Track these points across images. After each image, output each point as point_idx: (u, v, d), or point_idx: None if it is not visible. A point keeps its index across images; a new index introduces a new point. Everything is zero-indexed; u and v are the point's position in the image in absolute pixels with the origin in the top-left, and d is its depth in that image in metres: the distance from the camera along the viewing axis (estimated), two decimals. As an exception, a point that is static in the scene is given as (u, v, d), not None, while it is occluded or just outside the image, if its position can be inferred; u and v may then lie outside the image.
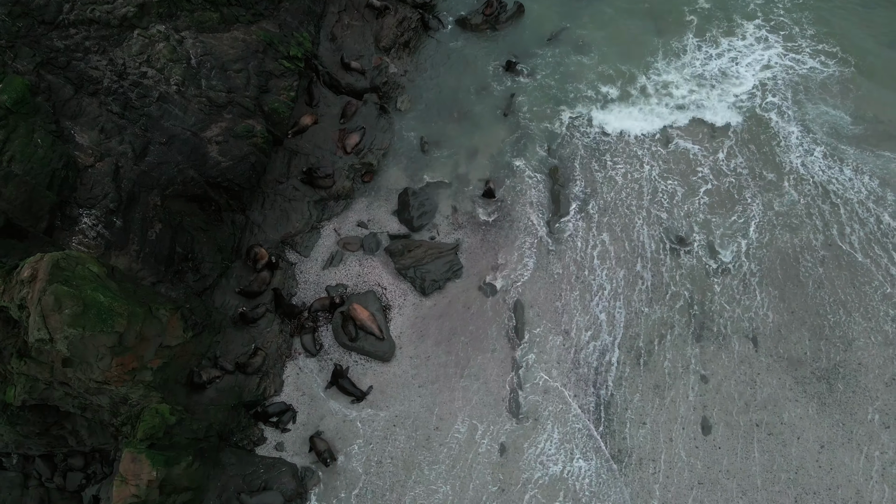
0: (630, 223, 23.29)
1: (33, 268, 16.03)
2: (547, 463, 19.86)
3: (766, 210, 23.17)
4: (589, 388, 20.78)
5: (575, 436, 20.19)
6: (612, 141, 24.90)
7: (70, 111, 19.25)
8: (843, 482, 19.23)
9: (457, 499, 19.55)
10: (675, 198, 23.64)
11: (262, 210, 22.97)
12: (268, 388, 20.67)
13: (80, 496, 19.82)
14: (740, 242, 22.66)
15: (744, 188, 23.66)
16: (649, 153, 24.63)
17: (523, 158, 24.56)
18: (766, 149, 24.39)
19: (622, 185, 24.04)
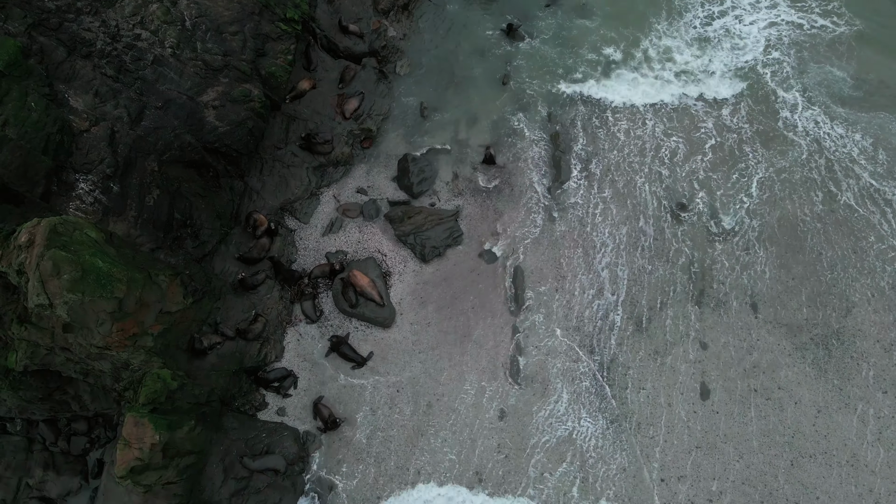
0: (632, 181, 23.14)
1: (30, 233, 15.92)
2: (555, 426, 20.07)
3: (768, 167, 23.03)
4: (593, 349, 20.87)
5: (582, 395, 20.35)
6: (614, 104, 24.55)
7: (63, 74, 18.90)
8: (839, 446, 19.45)
9: (462, 466, 19.79)
10: (677, 155, 23.48)
11: (260, 176, 22.75)
12: (268, 354, 20.75)
13: (84, 460, 20.06)
14: (742, 200, 22.62)
15: (745, 144, 23.50)
16: (652, 110, 24.34)
17: (524, 124, 24.26)
18: (767, 107, 24.13)
19: (624, 143, 23.81)
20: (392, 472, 19.83)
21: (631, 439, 19.82)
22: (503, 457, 19.83)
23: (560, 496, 19.30)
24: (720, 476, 19.37)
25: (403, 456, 19.99)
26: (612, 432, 19.93)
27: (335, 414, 20.00)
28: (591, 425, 20.01)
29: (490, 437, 20.06)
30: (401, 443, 20.11)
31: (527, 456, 19.78)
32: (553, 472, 19.56)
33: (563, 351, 20.91)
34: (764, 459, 19.47)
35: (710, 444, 19.70)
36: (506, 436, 20.04)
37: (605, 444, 19.81)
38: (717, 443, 19.72)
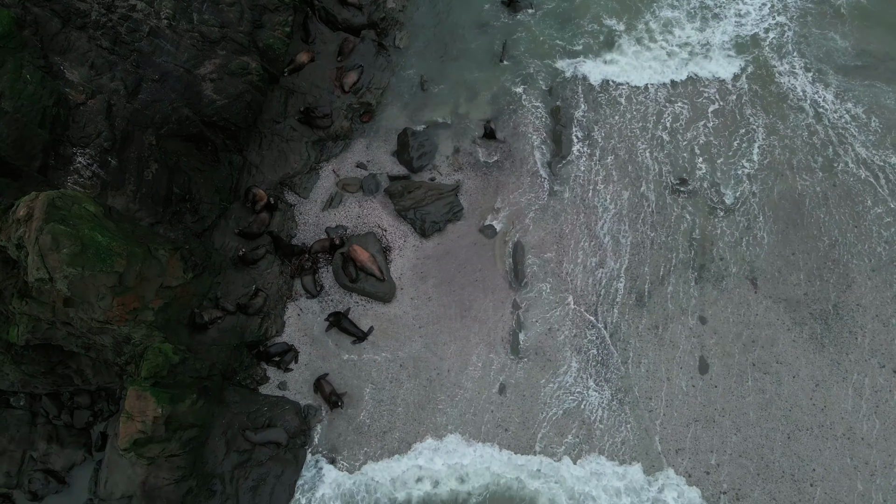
0: (634, 149, 23.03)
1: (29, 207, 15.83)
2: (562, 398, 20.25)
3: (770, 134, 22.95)
4: (597, 317, 20.95)
5: (587, 366, 20.49)
6: (617, 80, 24.27)
7: (58, 46, 18.63)
8: (835, 419, 19.63)
9: (467, 433, 20.00)
10: (679, 121, 23.37)
11: (259, 151, 22.58)
12: (269, 329, 20.81)
13: (87, 433, 20.23)
14: (744, 165, 22.63)
15: (746, 109, 23.39)
16: (655, 80, 24.20)
17: (524, 98, 24.00)
18: (768, 73, 23.89)
19: (626, 109, 23.64)
20: (394, 446, 20.02)
21: (633, 411, 20.00)
22: (505, 430, 20.01)
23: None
24: (718, 449, 19.58)
25: (404, 430, 20.17)
26: (617, 403, 20.10)
27: (336, 391, 20.11)
28: (597, 395, 20.20)
29: (492, 410, 20.22)
30: (402, 417, 20.27)
31: (532, 430, 19.97)
32: (559, 445, 19.77)
33: (566, 322, 20.97)
34: (761, 433, 19.66)
35: (709, 418, 19.88)
36: (508, 410, 20.20)
37: (610, 415, 19.98)
38: (715, 416, 19.90)
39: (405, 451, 19.97)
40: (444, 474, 19.60)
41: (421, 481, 19.57)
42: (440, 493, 19.50)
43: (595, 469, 19.50)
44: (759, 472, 19.30)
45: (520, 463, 19.65)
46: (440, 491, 19.52)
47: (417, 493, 19.50)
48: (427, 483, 19.52)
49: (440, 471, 19.63)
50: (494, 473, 19.59)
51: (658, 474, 19.44)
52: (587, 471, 19.48)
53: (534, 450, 19.78)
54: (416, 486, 19.56)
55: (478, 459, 19.70)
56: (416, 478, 19.62)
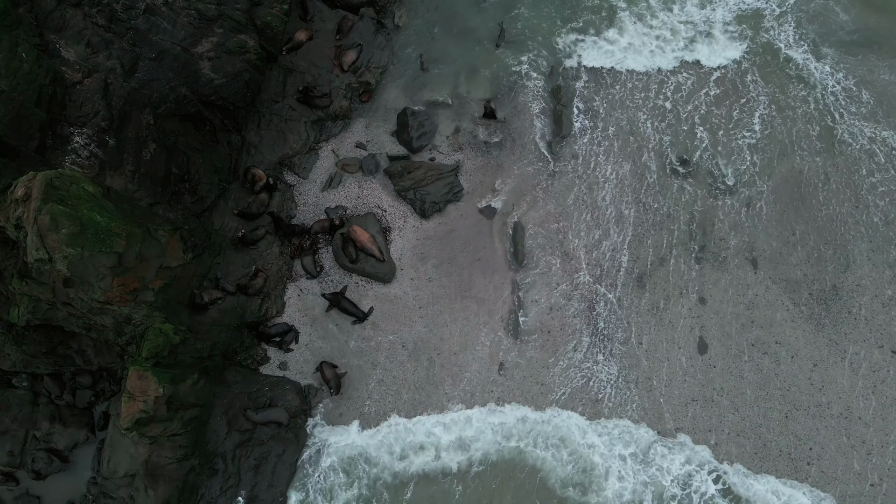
0: (635, 121, 22.95)
1: (27, 187, 15.73)
2: (568, 376, 20.39)
3: (770, 102, 22.93)
4: (597, 298, 21.00)
5: (592, 343, 20.62)
6: (619, 54, 24.05)
7: (54, 23, 18.40)
8: (833, 399, 19.78)
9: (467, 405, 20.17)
10: (680, 92, 23.30)
11: (258, 130, 22.42)
12: (269, 309, 20.83)
13: (90, 412, 20.34)
14: (745, 134, 22.66)
15: (746, 74, 23.36)
16: (657, 51, 24.04)
17: (525, 77, 23.75)
18: (769, 41, 23.77)
19: (626, 79, 23.52)
20: (395, 421, 20.17)
21: (637, 389, 20.17)
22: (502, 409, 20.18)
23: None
24: (716, 428, 19.74)
25: (405, 410, 20.29)
26: (623, 381, 20.28)
27: (339, 374, 20.15)
28: (604, 370, 20.42)
29: (492, 390, 20.33)
30: (402, 398, 20.38)
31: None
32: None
33: (566, 301, 21.02)
34: (759, 412, 19.82)
35: (707, 398, 20.02)
36: (508, 388, 20.32)
37: (617, 393, 20.13)
38: (713, 396, 20.04)
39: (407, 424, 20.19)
40: (446, 444, 19.82)
41: (424, 450, 19.78)
42: (443, 462, 19.69)
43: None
44: (757, 451, 19.49)
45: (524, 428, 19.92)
46: (443, 460, 19.73)
47: (418, 463, 19.70)
48: (430, 453, 19.77)
49: (442, 442, 19.84)
50: (496, 442, 19.79)
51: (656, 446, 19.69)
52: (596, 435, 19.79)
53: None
54: (417, 457, 19.76)
55: (479, 430, 19.91)
56: (419, 446, 19.85)
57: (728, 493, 19.15)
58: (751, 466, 19.35)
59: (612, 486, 19.26)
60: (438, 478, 19.66)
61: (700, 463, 19.41)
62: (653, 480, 19.34)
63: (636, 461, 19.54)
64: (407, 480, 19.66)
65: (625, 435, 19.77)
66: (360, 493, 19.57)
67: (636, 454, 19.61)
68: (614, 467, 19.43)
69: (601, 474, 19.41)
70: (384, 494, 19.57)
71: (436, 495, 19.54)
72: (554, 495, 19.40)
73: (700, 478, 19.30)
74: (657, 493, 19.24)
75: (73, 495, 19.69)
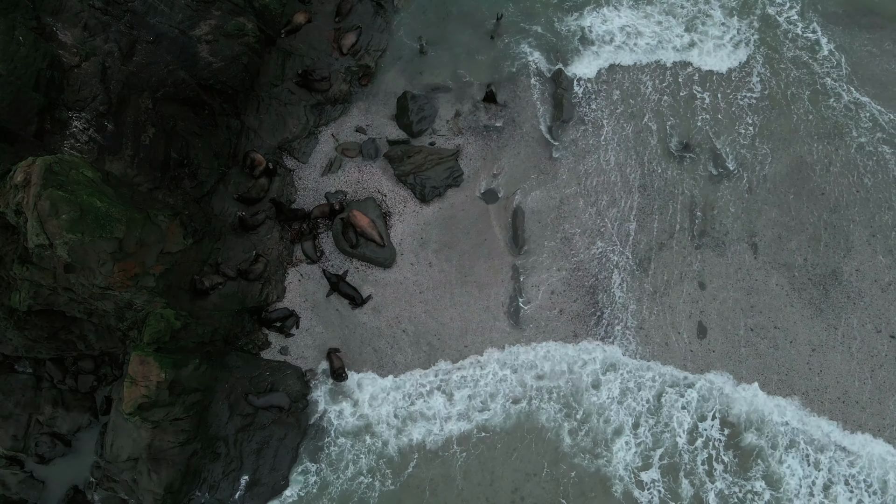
0: (639, 80, 23.07)
1: (26, 172, 15.66)
2: (564, 361, 20.52)
3: (765, 63, 23.16)
4: (598, 283, 21.06)
5: (590, 326, 20.68)
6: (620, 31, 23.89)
7: (50, 6, 18.19)
8: (831, 383, 19.90)
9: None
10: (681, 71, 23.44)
11: (257, 114, 22.27)
12: (270, 294, 20.85)
13: (92, 397, 20.42)
14: (744, 95, 22.84)
15: (741, 43, 23.50)
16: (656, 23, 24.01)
17: (526, 60, 23.54)
18: (762, 11, 23.85)
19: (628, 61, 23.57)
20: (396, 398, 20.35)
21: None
22: (504, 394, 20.28)
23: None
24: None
25: (410, 397, 20.42)
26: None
27: (345, 366, 20.22)
28: (601, 354, 20.57)
29: (493, 377, 20.44)
30: (407, 386, 20.51)
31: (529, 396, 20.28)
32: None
33: (565, 286, 21.06)
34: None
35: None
36: (511, 376, 20.45)
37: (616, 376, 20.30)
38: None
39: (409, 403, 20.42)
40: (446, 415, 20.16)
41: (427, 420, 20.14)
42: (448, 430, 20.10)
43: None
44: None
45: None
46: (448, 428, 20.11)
47: (419, 432, 20.02)
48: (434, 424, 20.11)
49: (442, 411, 20.19)
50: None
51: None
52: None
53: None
54: (416, 428, 20.08)
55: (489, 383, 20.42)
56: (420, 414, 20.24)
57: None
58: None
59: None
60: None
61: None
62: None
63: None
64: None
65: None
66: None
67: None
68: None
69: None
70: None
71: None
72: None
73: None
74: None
75: (76, 479, 19.85)
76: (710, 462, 19.43)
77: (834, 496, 19.02)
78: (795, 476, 19.17)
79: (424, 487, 19.59)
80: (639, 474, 19.44)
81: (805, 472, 19.22)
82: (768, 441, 19.47)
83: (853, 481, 19.15)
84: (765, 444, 19.46)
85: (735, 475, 19.31)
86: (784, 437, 19.49)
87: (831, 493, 19.08)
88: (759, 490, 19.17)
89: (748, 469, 19.35)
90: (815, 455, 19.34)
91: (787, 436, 19.51)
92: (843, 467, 19.22)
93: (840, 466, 19.23)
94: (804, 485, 19.14)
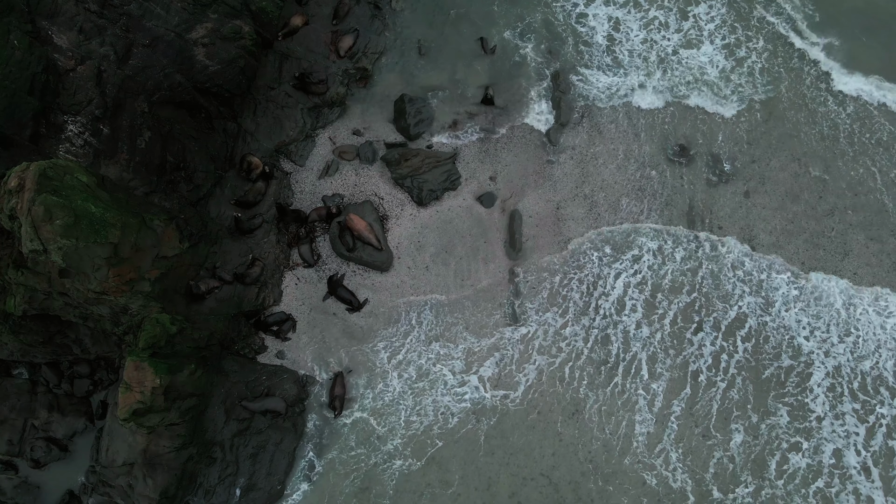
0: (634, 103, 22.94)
1: (20, 177, 15.62)
2: (562, 362, 20.43)
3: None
4: (595, 288, 20.99)
5: (589, 329, 20.62)
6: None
7: (45, 10, 18.13)
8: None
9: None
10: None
11: (254, 118, 22.21)
12: (267, 298, 20.79)
13: (88, 401, 20.39)
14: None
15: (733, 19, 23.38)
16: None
17: (525, 63, 23.45)
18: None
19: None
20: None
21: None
22: (502, 398, 20.21)
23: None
24: (705, 413, 19.86)
25: (412, 397, 20.36)
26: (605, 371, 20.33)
27: (346, 394, 20.12)
28: (598, 355, 20.41)
29: (491, 380, 20.38)
30: (408, 389, 20.45)
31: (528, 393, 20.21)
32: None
33: (564, 290, 20.99)
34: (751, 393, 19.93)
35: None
36: (507, 379, 20.38)
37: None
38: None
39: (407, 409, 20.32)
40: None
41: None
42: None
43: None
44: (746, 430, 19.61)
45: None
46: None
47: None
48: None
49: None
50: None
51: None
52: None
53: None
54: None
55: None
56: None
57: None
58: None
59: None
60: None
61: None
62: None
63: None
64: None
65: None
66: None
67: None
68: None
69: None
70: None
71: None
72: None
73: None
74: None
75: (72, 484, 19.82)
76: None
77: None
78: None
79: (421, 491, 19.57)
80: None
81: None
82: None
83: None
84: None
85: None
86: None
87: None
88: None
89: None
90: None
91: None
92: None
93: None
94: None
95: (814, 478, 19.06)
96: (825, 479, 19.02)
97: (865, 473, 18.97)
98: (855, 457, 19.12)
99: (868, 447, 19.13)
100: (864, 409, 19.42)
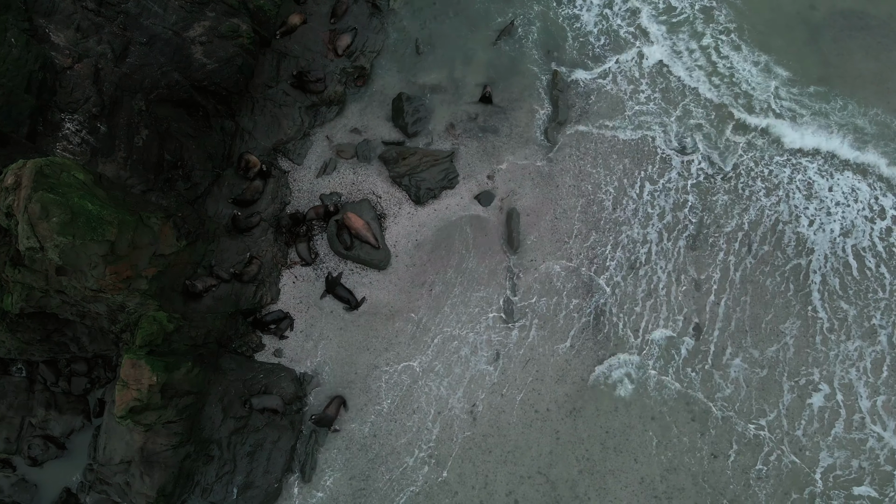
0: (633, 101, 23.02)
1: (16, 175, 15.60)
2: (559, 361, 20.41)
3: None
4: (593, 283, 20.98)
5: (584, 329, 20.58)
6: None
7: (43, 8, 18.13)
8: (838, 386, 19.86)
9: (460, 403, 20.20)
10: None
11: (251, 116, 22.22)
12: (264, 297, 20.78)
13: (85, 399, 20.39)
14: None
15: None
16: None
17: (523, 61, 23.47)
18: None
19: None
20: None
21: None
22: (501, 396, 20.20)
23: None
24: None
25: (408, 397, 20.36)
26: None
27: (341, 416, 20.03)
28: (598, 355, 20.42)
29: (486, 377, 20.37)
30: (403, 391, 20.46)
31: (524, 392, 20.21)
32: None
33: (559, 287, 20.99)
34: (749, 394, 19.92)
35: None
36: (504, 375, 20.36)
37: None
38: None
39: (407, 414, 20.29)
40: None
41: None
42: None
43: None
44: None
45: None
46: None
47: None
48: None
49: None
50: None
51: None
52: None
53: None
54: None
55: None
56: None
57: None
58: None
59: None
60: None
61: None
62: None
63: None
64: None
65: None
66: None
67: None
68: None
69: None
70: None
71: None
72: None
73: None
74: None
75: (69, 482, 19.81)
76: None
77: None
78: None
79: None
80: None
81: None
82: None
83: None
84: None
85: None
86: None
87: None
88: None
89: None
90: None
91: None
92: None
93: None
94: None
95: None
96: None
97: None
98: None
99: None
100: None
